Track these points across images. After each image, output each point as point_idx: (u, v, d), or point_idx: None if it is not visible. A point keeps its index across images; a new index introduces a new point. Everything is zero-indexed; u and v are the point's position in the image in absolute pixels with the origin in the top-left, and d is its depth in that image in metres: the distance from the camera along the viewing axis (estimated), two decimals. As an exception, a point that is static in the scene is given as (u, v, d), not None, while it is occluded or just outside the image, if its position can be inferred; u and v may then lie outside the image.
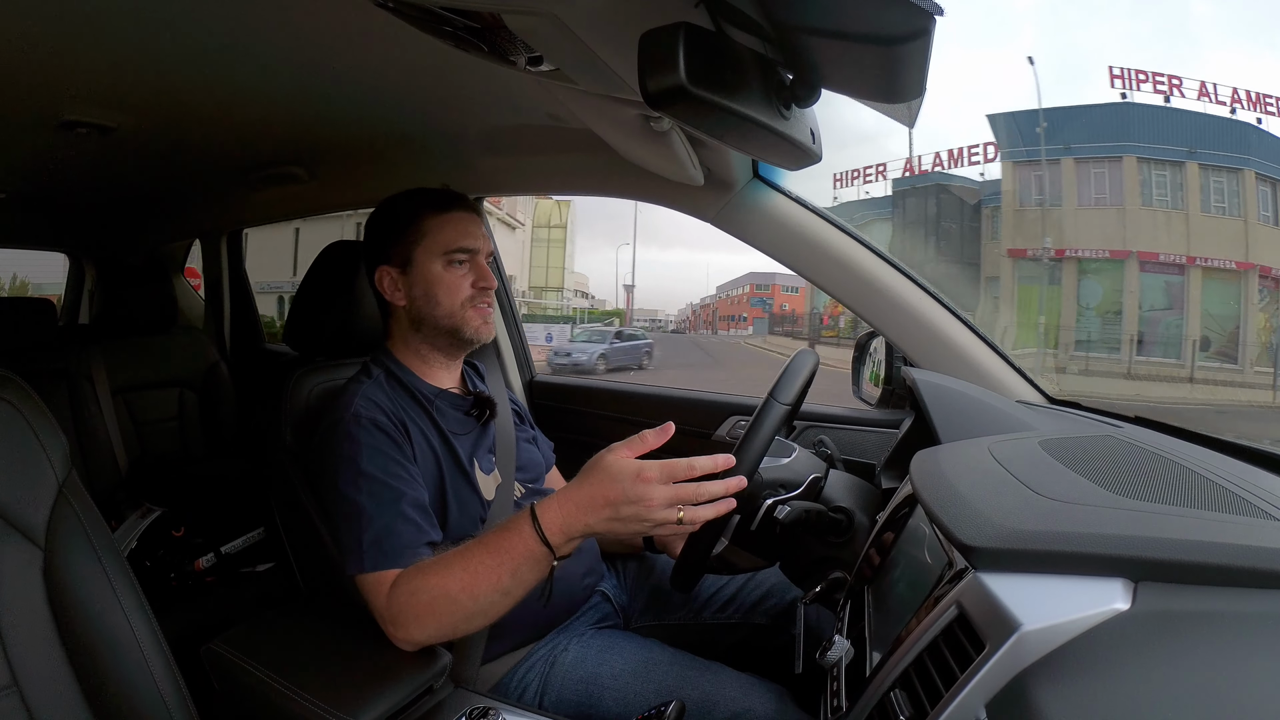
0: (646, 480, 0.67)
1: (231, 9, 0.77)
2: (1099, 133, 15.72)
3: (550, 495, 0.74)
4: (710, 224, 1.20)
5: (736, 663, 0.90)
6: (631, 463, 0.69)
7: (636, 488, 0.67)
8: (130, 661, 0.67)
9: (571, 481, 0.73)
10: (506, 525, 0.74)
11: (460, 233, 0.95)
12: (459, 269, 0.95)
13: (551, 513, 0.71)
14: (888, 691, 0.51)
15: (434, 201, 0.97)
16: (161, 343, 1.94)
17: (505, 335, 1.68)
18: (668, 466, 0.68)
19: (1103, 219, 15.67)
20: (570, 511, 0.71)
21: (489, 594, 0.73)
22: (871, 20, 0.47)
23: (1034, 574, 0.46)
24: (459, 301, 0.95)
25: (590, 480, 0.70)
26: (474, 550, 0.74)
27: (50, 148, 1.33)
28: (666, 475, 0.68)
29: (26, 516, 0.66)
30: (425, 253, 0.95)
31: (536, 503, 0.73)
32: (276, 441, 0.98)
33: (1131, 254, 15.38)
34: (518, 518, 0.74)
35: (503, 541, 0.73)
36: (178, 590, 1.49)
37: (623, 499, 0.68)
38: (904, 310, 1.11)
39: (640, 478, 0.67)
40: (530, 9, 0.56)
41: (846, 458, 1.19)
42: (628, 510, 0.68)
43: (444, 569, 0.75)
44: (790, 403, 0.87)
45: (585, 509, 0.70)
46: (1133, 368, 14.91)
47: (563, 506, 0.71)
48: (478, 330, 0.97)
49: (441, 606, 0.74)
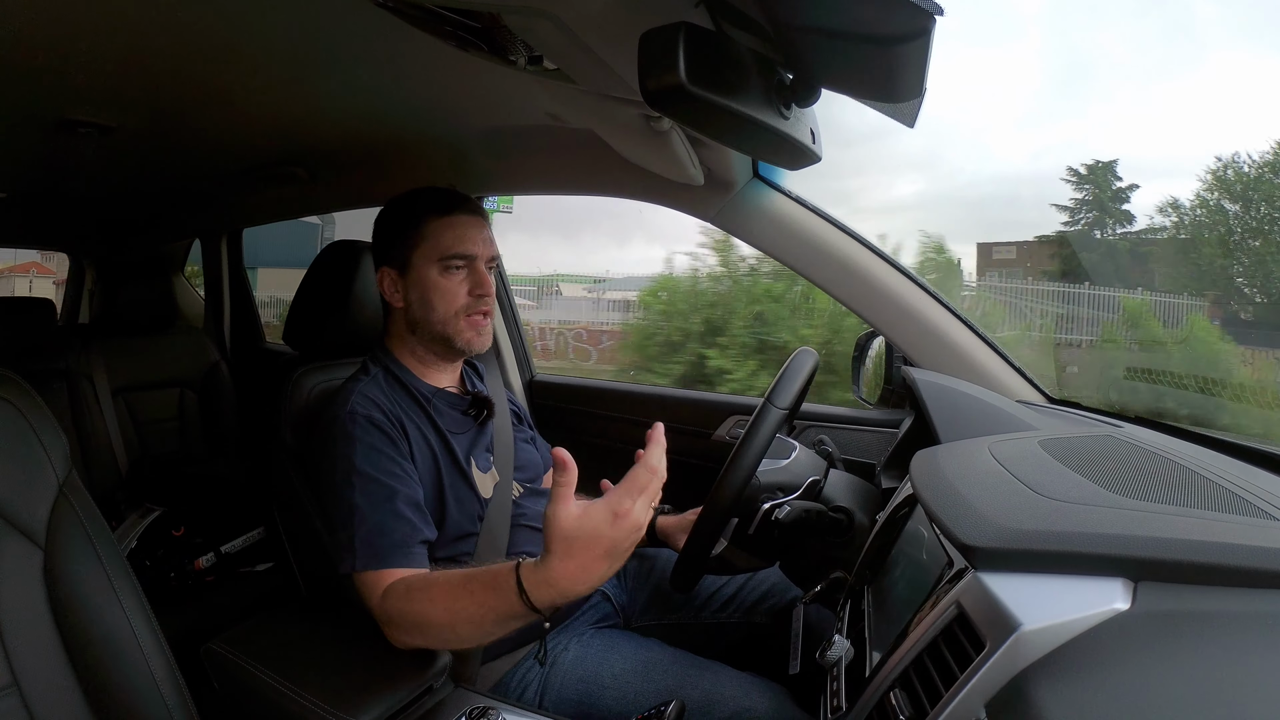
0: (625, 514, 0.62)
1: (231, 9, 0.77)
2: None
3: (536, 566, 0.65)
4: (710, 224, 1.20)
5: (736, 662, 0.90)
6: (599, 510, 0.62)
7: (620, 526, 0.62)
8: (130, 661, 0.67)
9: (549, 557, 0.64)
10: (493, 581, 0.68)
11: (458, 238, 0.93)
12: (455, 275, 0.94)
13: (541, 590, 0.65)
14: (887, 691, 0.51)
15: (436, 204, 0.95)
16: (161, 343, 1.94)
17: (505, 335, 1.68)
18: (632, 484, 0.63)
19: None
20: (566, 587, 0.64)
21: (472, 635, 0.72)
22: (871, 20, 0.47)
23: (1034, 574, 0.46)
24: (453, 310, 0.94)
25: (571, 550, 0.63)
26: (459, 593, 0.71)
27: (50, 148, 1.33)
28: (636, 493, 0.63)
29: (27, 516, 0.66)
30: (422, 257, 0.93)
31: (523, 567, 0.66)
32: (276, 441, 0.98)
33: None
34: (505, 577, 0.67)
35: (487, 597, 0.68)
36: (178, 590, 1.49)
37: (614, 545, 0.63)
38: (904, 310, 1.11)
39: (619, 516, 0.62)
40: (530, 9, 0.56)
41: (846, 457, 1.19)
42: (623, 547, 0.64)
43: (429, 601, 0.73)
44: (787, 406, 0.88)
45: (583, 576, 0.64)
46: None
47: (555, 584, 0.64)
48: (469, 342, 0.95)
49: (430, 631, 0.74)
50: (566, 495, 0.63)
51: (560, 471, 0.63)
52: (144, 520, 1.56)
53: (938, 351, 1.09)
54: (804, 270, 1.15)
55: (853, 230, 1.14)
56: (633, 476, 0.63)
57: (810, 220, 1.14)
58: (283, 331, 1.15)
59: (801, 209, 1.15)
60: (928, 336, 1.10)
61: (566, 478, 0.63)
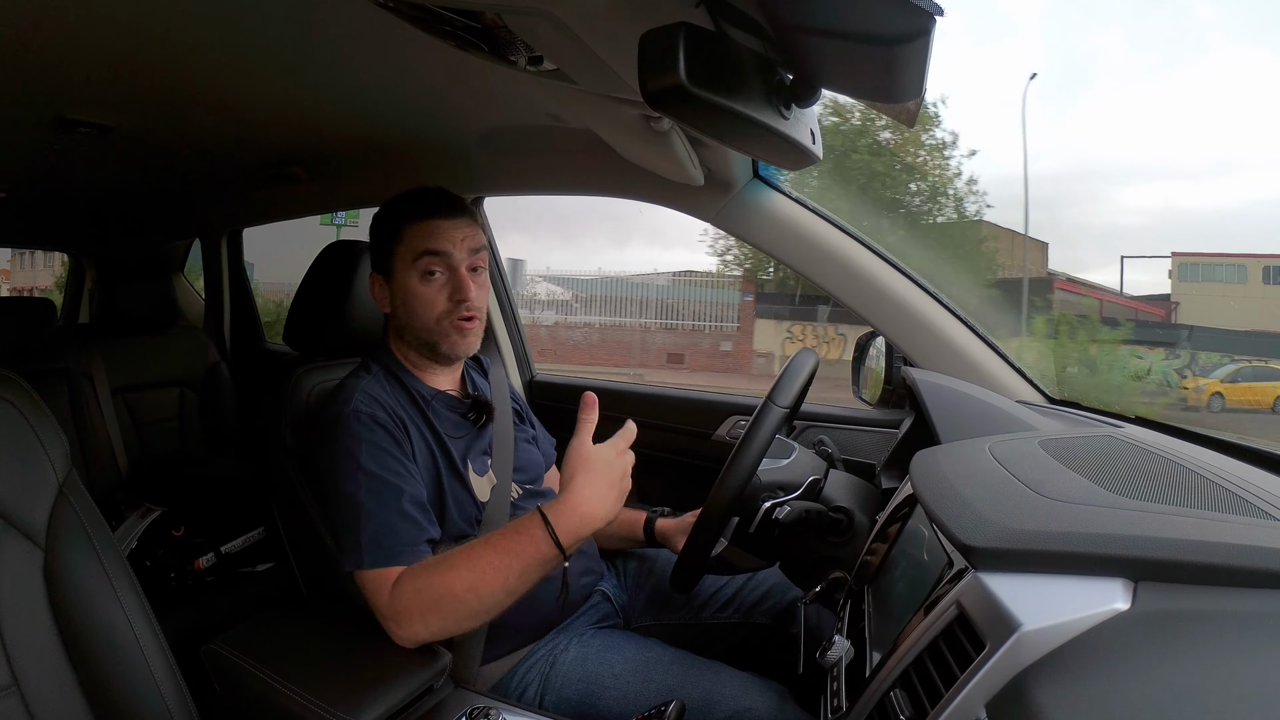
0: (623, 452, 0.78)
1: (231, 9, 0.77)
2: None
3: (558, 500, 0.75)
4: (710, 224, 1.20)
5: (736, 662, 0.90)
6: (606, 445, 0.77)
7: (620, 462, 0.77)
8: (130, 661, 0.67)
9: (571, 486, 0.75)
10: (515, 528, 0.76)
11: (429, 236, 0.91)
12: (434, 280, 0.92)
13: (565, 517, 0.74)
14: (888, 691, 0.51)
15: (413, 209, 0.93)
16: (161, 343, 1.94)
17: (505, 334, 1.68)
18: (626, 437, 0.79)
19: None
20: (587, 510, 0.74)
21: (494, 593, 0.74)
22: (871, 20, 0.47)
23: (1034, 574, 0.46)
24: (434, 316, 0.92)
25: (593, 473, 0.75)
26: (480, 550, 0.76)
27: (50, 148, 1.33)
28: (629, 438, 0.79)
29: (27, 516, 0.66)
30: (402, 262, 0.92)
31: (545, 506, 0.75)
32: (276, 441, 0.97)
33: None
34: (527, 521, 0.75)
35: (511, 543, 0.75)
36: (178, 590, 1.49)
37: (620, 477, 0.77)
38: (904, 310, 1.11)
39: (618, 452, 0.77)
40: (530, 9, 0.56)
41: (846, 458, 1.19)
42: (624, 481, 0.78)
43: (449, 568, 0.76)
44: (788, 405, 0.88)
45: (602, 500, 0.75)
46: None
47: (578, 509, 0.74)
48: (454, 346, 0.94)
49: (447, 605, 0.75)
50: (588, 430, 0.77)
51: (586, 410, 0.78)
52: (144, 520, 1.56)
53: (938, 351, 1.09)
54: (804, 270, 1.15)
55: (853, 230, 1.14)
56: (624, 432, 0.79)
57: (810, 220, 1.14)
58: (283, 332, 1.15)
59: (801, 209, 1.15)
60: (928, 336, 1.10)
61: (590, 415, 0.78)
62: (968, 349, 1.09)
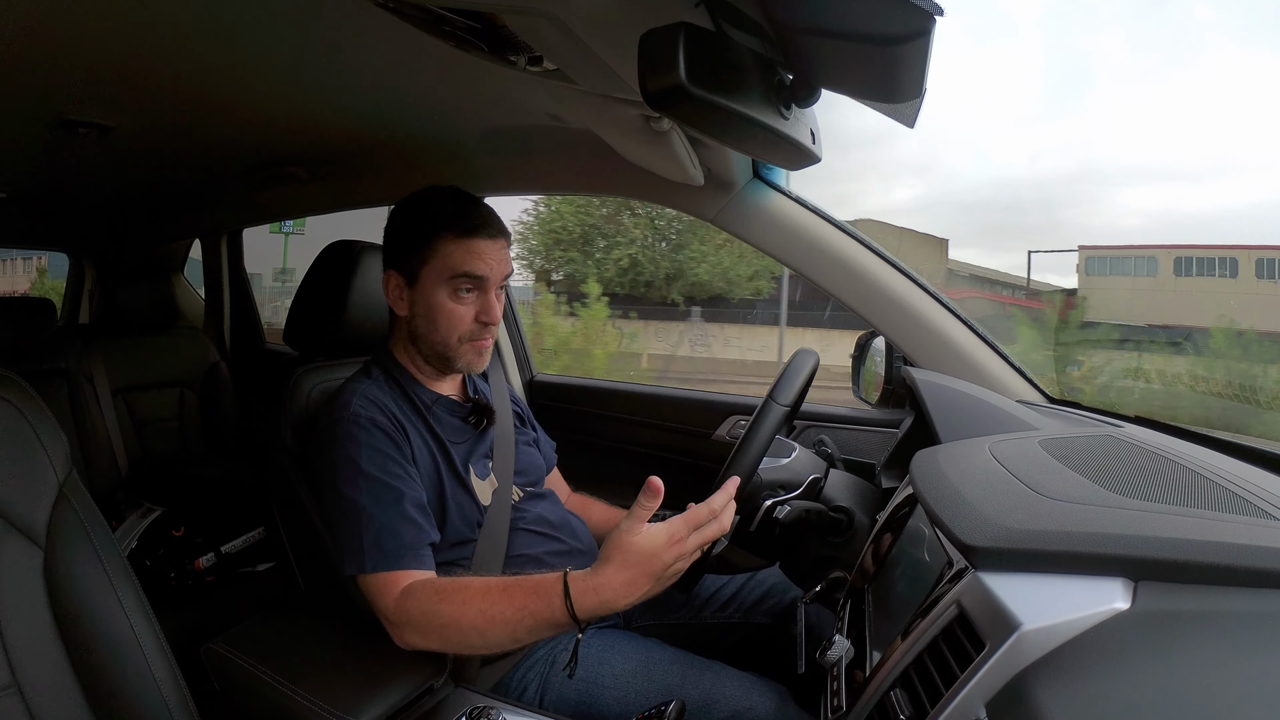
0: (679, 541, 0.71)
1: (232, 9, 0.77)
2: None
3: (587, 574, 0.72)
4: (710, 224, 1.20)
5: (736, 662, 0.90)
6: (660, 532, 0.70)
7: (672, 552, 0.70)
8: (130, 661, 0.67)
9: (603, 567, 0.71)
10: (536, 586, 0.74)
11: (472, 258, 0.89)
12: (464, 299, 0.90)
13: (587, 596, 0.71)
14: (888, 691, 0.51)
15: (454, 223, 0.89)
16: (161, 343, 1.94)
17: (505, 335, 1.68)
18: (692, 519, 0.71)
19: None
20: (610, 597, 0.71)
21: (500, 640, 0.75)
22: (871, 20, 0.47)
23: (1034, 573, 0.46)
24: (456, 335, 0.91)
25: (628, 563, 0.71)
26: (496, 595, 0.74)
27: (50, 148, 1.33)
28: (692, 527, 0.71)
29: (27, 516, 0.66)
30: (433, 273, 0.89)
31: (571, 575, 0.73)
32: (276, 441, 0.97)
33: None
34: (551, 583, 0.73)
35: (528, 600, 0.73)
36: (178, 590, 1.49)
37: (664, 568, 0.70)
38: (904, 310, 1.11)
39: (673, 542, 0.70)
40: (530, 9, 0.56)
41: (846, 457, 1.19)
42: (670, 572, 0.71)
43: (462, 601, 0.75)
44: (789, 404, 0.88)
45: (629, 590, 0.71)
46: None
47: (601, 593, 0.71)
48: (469, 364, 0.94)
49: (451, 634, 0.76)
50: (644, 516, 0.71)
51: (648, 497, 0.70)
52: (144, 520, 1.56)
53: (938, 351, 1.09)
54: (804, 270, 1.15)
55: (853, 230, 1.14)
56: (694, 511, 0.72)
57: (810, 220, 1.14)
58: (283, 332, 1.14)
59: (801, 209, 1.15)
60: (928, 336, 1.10)
61: (651, 503, 0.70)
62: (968, 349, 1.09)
